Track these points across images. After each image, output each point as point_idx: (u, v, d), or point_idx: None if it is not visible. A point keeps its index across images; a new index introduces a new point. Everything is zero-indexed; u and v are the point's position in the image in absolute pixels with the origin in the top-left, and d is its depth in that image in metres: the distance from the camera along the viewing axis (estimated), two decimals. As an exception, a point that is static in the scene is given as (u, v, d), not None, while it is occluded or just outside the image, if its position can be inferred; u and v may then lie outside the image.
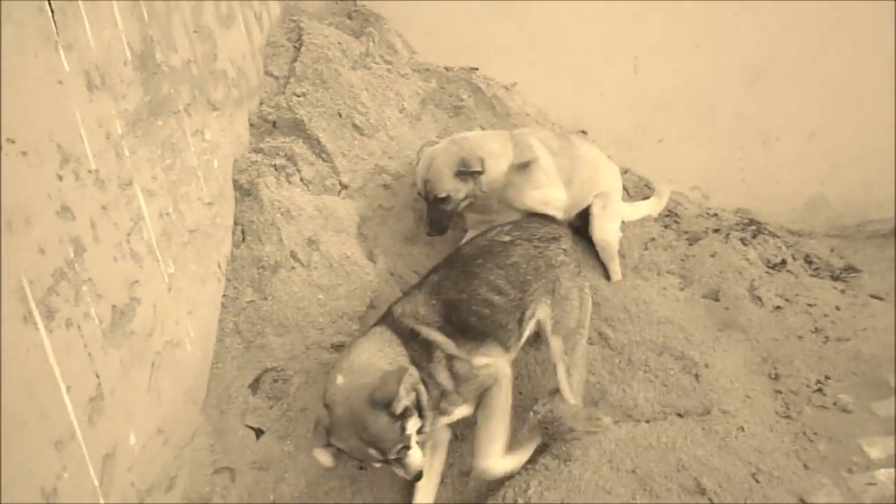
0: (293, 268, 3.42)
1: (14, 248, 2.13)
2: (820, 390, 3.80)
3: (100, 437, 2.46)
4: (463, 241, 3.55)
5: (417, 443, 2.69)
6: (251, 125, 3.84)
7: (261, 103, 3.94)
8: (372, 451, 2.59)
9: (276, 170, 3.63)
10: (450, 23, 4.61)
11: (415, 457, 2.67)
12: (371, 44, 4.37)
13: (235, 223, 3.50)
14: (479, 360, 2.87)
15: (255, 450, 3.05)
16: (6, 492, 2.06)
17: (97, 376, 2.45)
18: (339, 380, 2.67)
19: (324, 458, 2.67)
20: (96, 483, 2.43)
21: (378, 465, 2.68)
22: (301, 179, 3.74)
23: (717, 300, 4.18)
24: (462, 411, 2.89)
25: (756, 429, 3.37)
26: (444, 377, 2.81)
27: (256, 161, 3.64)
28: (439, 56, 4.60)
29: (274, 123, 3.86)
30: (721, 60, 4.74)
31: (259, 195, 3.51)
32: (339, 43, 4.21)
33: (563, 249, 3.27)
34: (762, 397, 3.62)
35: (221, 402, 3.12)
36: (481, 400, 2.87)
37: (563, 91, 4.74)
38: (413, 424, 2.65)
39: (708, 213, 4.93)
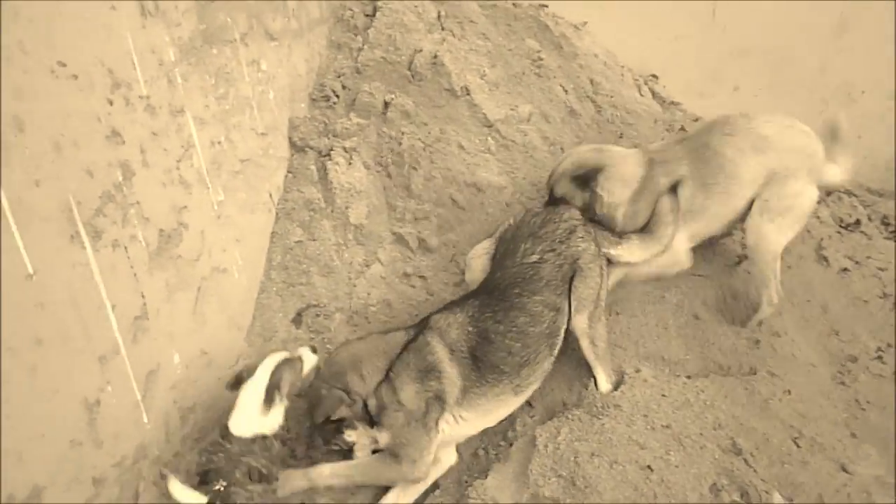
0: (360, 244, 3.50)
1: (62, 170, 2.20)
2: (879, 358, 3.65)
3: (143, 355, 2.57)
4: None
5: None
6: (312, 100, 3.76)
7: (330, 75, 3.87)
8: None
9: (345, 151, 3.60)
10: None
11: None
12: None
13: (288, 171, 3.53)
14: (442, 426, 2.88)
15: (295, 378, 3.13)
16: (48, 400, 2.18)
17: (142, 296, 2.55)
18: None
19: None
20: (139, 397, 2.55)
21: None
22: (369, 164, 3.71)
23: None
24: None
25: (804, 393, 3.27)
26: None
27: (327, 143, 3.63)
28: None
29: (353, 103, 3.75)
30: (807, 7, 4.48)
31: (328, 178, 3.52)
32: (416, 6, 4.05)
33: (581, 237, 3.11)
34: (816, 362, 3.51)
35: (265, 331, 3.21)
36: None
37: (634, 33, 4.56)
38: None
39: (782, 168, 4.72)
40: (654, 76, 4.64)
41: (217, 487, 2.53)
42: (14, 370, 2.05)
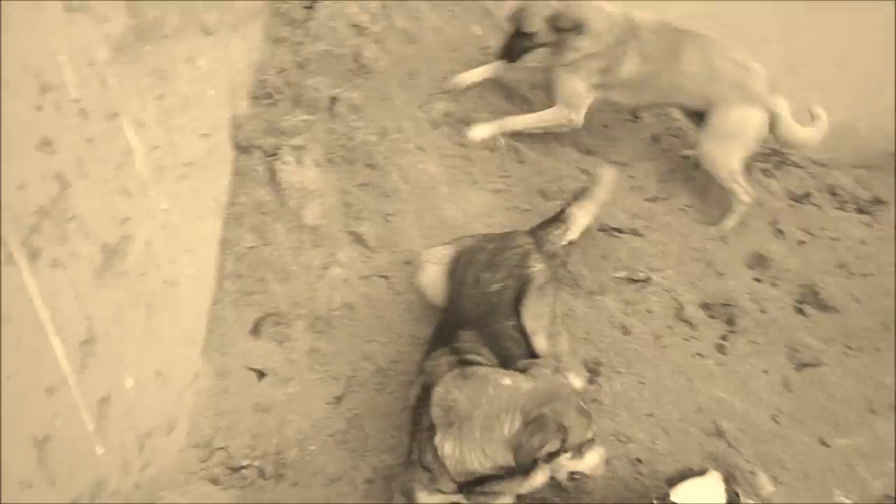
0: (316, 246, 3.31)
1: (-9, 185, 1.99)
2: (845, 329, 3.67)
3: (94, 382, 2.36)
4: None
5: None
6: (254, 97, 3.54)
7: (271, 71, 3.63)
8: None
9: (294, 150, 3.41)
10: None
11: None
12: None
13: (234, 173, 3.32)
14: None
15: (257, 392, 2.95)
16: (-5, 441, 1.97)
17: (88, 319, 2.34)
18: None
19: None
20: (91, 428, 2.34)
21: None
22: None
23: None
24: None
25: (779, 369, 3.26)
26: None
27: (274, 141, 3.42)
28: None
29: (298, 99, 3.56)
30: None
31: (277, 178, 3.33)
32: None
33: (536, 258, 3.03)
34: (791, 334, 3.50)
35: (222, 345, 3.02)
36: None
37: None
38: None
39: (730, 143, 4.72)
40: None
41: None
42: (-49, 411, 1.84)
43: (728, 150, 3.86)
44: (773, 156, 4.66)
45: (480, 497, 2.35)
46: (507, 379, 2.35)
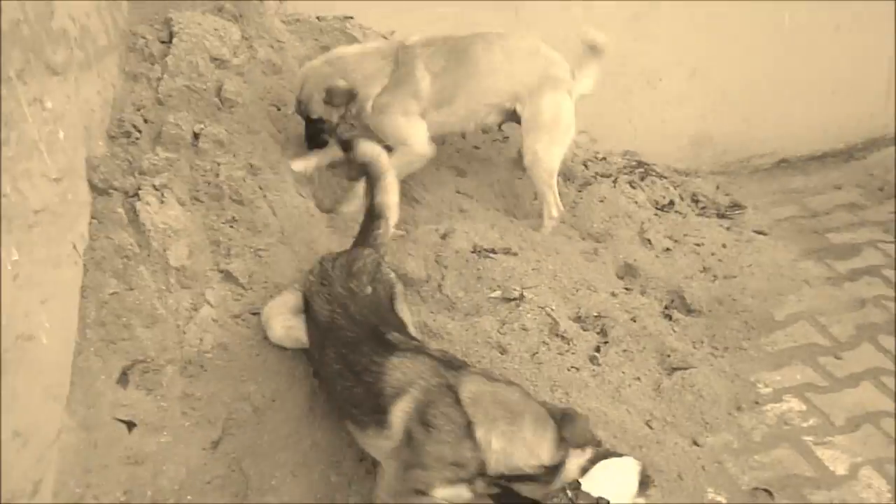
0: (184, 287, 3.20)
1: None
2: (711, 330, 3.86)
3: (-60, 452, 2.21)
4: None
5: None
6: (111, 137, 3.40)
7: (128, 108, 3.48)
8: None
9: (156, 189, 3.27)
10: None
11: None
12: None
13: (91, 217, 3.18)
14: None
15: (127, 444, 2.82)
16: None
17: (-69, 384, 2.19)
18: None
19: None
20: (-61, 503, 2.19)
21: None
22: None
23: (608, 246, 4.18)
24: None
25: (651, 375, 3.38)
26: None
27: (134, 181, 3.28)
28: (310, 6, 4.34)
29: (158, 136, 3.42)
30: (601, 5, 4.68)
31: (139, 219, 3.19)
32: (216, 30, 3.76)
33: (387, 267, 3.12)
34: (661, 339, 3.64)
35: (88, 397, 2.87)
36: None
37: (443, 38, 4.55)
38: None
39: (596, 158, 4.90)
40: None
41: None
42: None
43: (547, 143, 3.88)
44: (637, 167, 4.87)
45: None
46: None
